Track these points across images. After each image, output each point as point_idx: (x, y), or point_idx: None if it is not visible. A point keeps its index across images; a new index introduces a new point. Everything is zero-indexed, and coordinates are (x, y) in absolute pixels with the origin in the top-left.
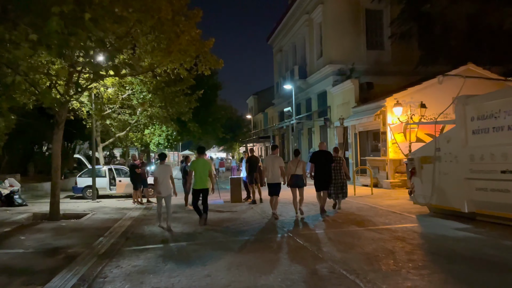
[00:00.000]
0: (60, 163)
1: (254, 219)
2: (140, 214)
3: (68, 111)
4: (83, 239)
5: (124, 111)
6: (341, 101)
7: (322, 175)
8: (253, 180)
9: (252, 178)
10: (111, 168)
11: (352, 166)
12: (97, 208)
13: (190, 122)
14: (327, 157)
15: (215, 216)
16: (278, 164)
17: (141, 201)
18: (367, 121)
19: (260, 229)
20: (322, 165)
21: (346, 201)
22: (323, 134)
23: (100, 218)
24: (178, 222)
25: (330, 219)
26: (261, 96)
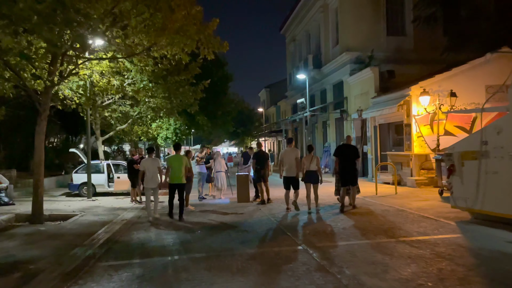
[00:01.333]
0: (43, 157)
1: (262, 224)
2: (134, 216)
3: (55, 99)
4: (55, 250)
5: (124, 102)
6: (359, 91)
7: (347, 170)
8: (260, 178)
9: (260, 176)
10: (109, 164)
11: (371, 162)
12: (89, 208)
13: (198, 115)
14: (353, 151)
15: (217, 219)
16: (294, 157)
17: (140, 200)
18: (389, 113)
19: (268, 238)
20: (347, 160)
21: (368, 202)
22: (339, 128)
23: (88, 221)
24: (174, 227)
25: (352, 226)
26: (273, 89)
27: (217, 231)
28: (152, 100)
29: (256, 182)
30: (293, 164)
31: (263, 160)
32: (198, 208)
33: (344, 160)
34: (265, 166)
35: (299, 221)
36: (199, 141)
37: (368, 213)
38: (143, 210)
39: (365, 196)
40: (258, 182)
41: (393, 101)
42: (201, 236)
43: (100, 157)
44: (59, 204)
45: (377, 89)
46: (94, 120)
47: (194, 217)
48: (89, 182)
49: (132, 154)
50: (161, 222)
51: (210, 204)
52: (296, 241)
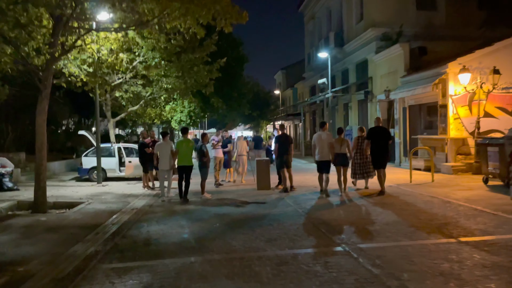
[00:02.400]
0: (45, 140)
1: (288, 216)
2: (145, 204)
3: (60, 77)
4: (53, 246)
5: (136, 81)
6: (386, 70)
7: (379, 152)
8: (283, 164)
9: (282, 162)
10: (120, 147)
11: (399, 146)
12: (98, 195)
13: (213, 97)
14: (385, 133)
15: (237, 210)
16: (328, 141)
17: (153, 186)
18: (421, 93)
19: (299, 235)
20: (379, 142)
21: (405, 191)
22: (362, 110)
23: (94, 209)
24: (189, 218)
25: (396, 221)
26: (290, 71)
27: (237, 224)
28: (165, 80)
29: (279, 168)
30: (326, 149)
31: (287, 145)
32: (215, 196)
33: (377, 142)
34: (289, 151)
35: (331, 213)
36: (213, 125)
37: (409, 204)
38: (155, 197)
39: (399, 184)
40: (281, 168)
41: (426, 80)
42: (219, 231)
43: (111, 140)
44: (66, 190)
45: (407, 67)
46: (105, 101)
47: (211, 206)
48: (98, 167)
49: (143, 137)
50: (174, 211)
51: (227, 192)
52: (333, 240)
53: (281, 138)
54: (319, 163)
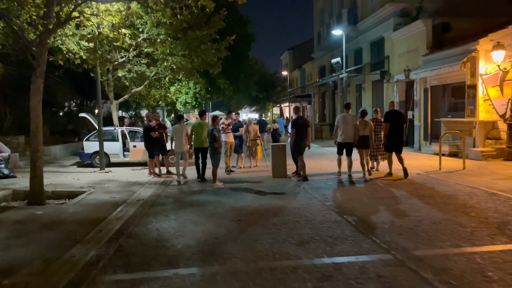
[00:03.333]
0: (41, 123)
1: (314, 210)
2: (152, 194)
3: (54, 52)
4: (47, 249)
5: (140, 60)
6: (406, 48)
7: (396, 136)
8: (301, 150)
9: (300, 148)
10: (124, 130)
11: (418, 130)
12: (100, 183)
13: (219, 78)
14: (402, 117)
15: (254, 202)
16: (353, 123)
17: (159, 173)
18: (447, 72)
19: (334, 236)
20: (395, 126)
21: (438, 180)
22: (376, 91)
23: (96, 200)
24: (202, 213)
25: (445, 219)
26: (297, 52)
27: (258, 220)
28: (171, 59)
29: (298, 155)
30: (351, 130)
31: (305, 129)
32: (227, 184)
33: (394, 126)
34: (306, 136)
35: (363, 207)
36: (218, 107)
37: (450, 197)
38: (162, 185)
39: (428, 172)
40: (299, 155)
41: (452, 59)
42: (239, 229)
43: (115, 122)
44: (67, 176)
45: (429, 45)
46: (107, 81)
47: (224, 197)
48: (101, 152)
49: (148, 120)
50: (184, 203)
51: (240, 180)
52: (378, 244)
53: (298, 121)
54: (342, 145)
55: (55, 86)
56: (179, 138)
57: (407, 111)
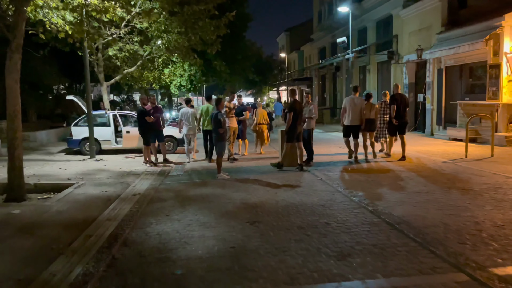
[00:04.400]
0: (19, 105)
1: (343, 208)
2: (150, 187)
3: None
4: (22, 263)
5: (132, 37)
6: (417, 26)
7: (401, 118)
8: (295, 137)
9: (295, 134)
10: (116, 115)
11: (431, 114)
12: (91, 173)
13: (216, 60)
14: (405, 100)
15: (268, 196)
16: (361, 106)
17: (156, 161)
18: (466, 51)
19: (380, 245)
20: (403, 108)
21: (472, 170)
22: (382, 73)
23: (85, 195)
24: (210, 211)
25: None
26: (294, 33)
27: (279, 222)
28: (166, 36)
29: (289, 141)
30: (358, 113)
31: (301, 114)
32: (233, 174)
33: (401, 109)
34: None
35: (399, 204)
36: (212, 91)
37: (495, 190)
38: (160, 176)
39: (454, 160)
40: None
41: (473, 36)
42: (258, 234)
43: (106, 106)
44: (53, 166)
45: (444, 22)
46: (96, 61)
47: (232, 190)
48: (91, 138)
49: (143, 103)
50: (187, 198)
51: (247, 169)
52: (441, 258)
53: (296, 105)
54: (348, 128)
55: (40, 67)
56: (187, 121)
57: (417, 93)
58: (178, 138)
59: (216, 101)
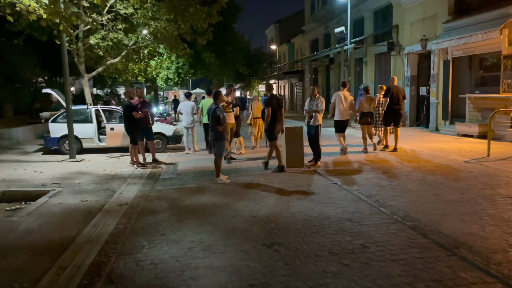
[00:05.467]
0: None
1: (372, 220)
2: (139, 194)
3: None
4: None
5: (116, 25)
6: (420, 15)
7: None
8: (275, 135)
9: (274, 132)
10: (99, 110)
11: (435, 108)
12: (70, 177)
13: (205, 51)
14: (401, 93)
15: (282, 209)
16: (350, 100)
17: (144, 162)
18: (480, 40)
19: (449, 284)
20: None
21: (501, 172)
22: (379, 65)
23: (61, 207)
24: (214, 227)
25: None
26: (284, 25)
27: (303, 243)
28: (153, 24)
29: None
30: (348, 108)
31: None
32: (234, 177)
33: (395, 101)
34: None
35: (445, 218)
36: (198, 84)
37: None
38: (150, 180)
39: (477, 159)
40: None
41: (485, 24)
42: (281, 264)
43: (87, 100)
44: (27, 168)
45: (451, 10)
46: (77, 50)
47: (236, 198)
48: (70, 136)
49: (129, 96)
50: (185, 209)
51: (247, 170)
52: None
53: (273, 100)
54: (340, 122)
55: (16, 58)
56: (186, 114)
57: (420, 86)
58: (168, 136)
59: (215, 95)
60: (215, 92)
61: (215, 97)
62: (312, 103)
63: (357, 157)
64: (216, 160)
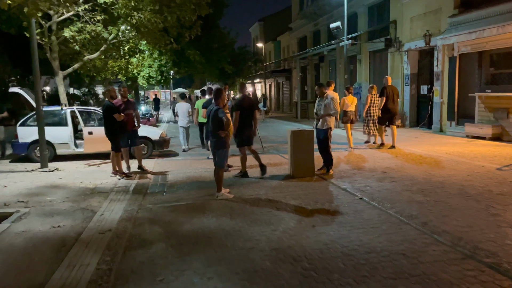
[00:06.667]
0: None
1: (429, 252)
2: (124, 216)
3: None
4: None
5: (94, 16)
6: (422, 10)
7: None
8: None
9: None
10: (75, 111)
11: (440, 107)
12: (39, 193)
13: (189, 48)
14: (396, 92)
15: (310, 238)
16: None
17: (128, 172)
18: (495, 34)
19: None
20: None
21: None
22: (374, 63)
23: (26, 237)
24: (227, 272)
25: None
26: (269, 23)
27: None
28: (136, 15)
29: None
30: None
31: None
32: (236, 189)
33: (388, 100)
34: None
35: None
36: (179, 84)
37: None
38: (136, 194)
39: (510, 166)
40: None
41: (498, 18)
42: None
43: (62, 101)
44: None
45: (457, 3)
46: (49, 44)
47: (247, 220)
48: (42, 141)
49: (110, 96)
50: (184, 237)
51: (249, 182)
52: None
53: (244, 102)
54: None
55: None
56: (182, 114)
57: (420, 85)
58: (154, 140)
59: (216, 93)
60: (216, 90)
61: (216, 96)
62: (321, 104)
63: (365, 160)
64: (218, 172)
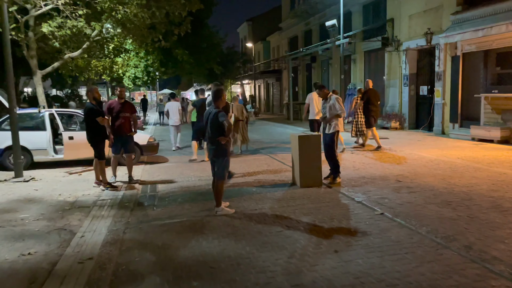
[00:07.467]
0: None
1: None
2: (109, 238)
3: None
4: None
5: (76, 11)
6: (422, 7)
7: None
8: None
9: None
10: (54, 114)
11: (441, 109)
12: (11, 209)
13: (177, 48)
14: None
15: (336, 268)
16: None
17: (113, 184)
18: (504, 32)
19: None
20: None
21: None
22: (370, 63)
23: None
24: None
25: None
26: (257, 23)
27: None
28: (121, 9)
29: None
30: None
31: None
32: (237, 203)
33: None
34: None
35: None
36: (165, 85)
37: None
38: (122, 210)
39: None
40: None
41: (506, 15)
42: None
43: (40, 102)
44: None
45: (460, 0)
46: (26, 41)
47: (255, 244)
48: (16, 147)
49: (92, 97)
50: (183, 266)
51: (250, 193)
52: None
53: None
54: (313, 121)
55: None
56: (173, 113)
57: (420, 86)
58: (142, 145)
59: (215, 94)
60: (216, 91)
61: (216, 97)
62: (326, 106)
63: (373, 166)
64: (218, 184)
